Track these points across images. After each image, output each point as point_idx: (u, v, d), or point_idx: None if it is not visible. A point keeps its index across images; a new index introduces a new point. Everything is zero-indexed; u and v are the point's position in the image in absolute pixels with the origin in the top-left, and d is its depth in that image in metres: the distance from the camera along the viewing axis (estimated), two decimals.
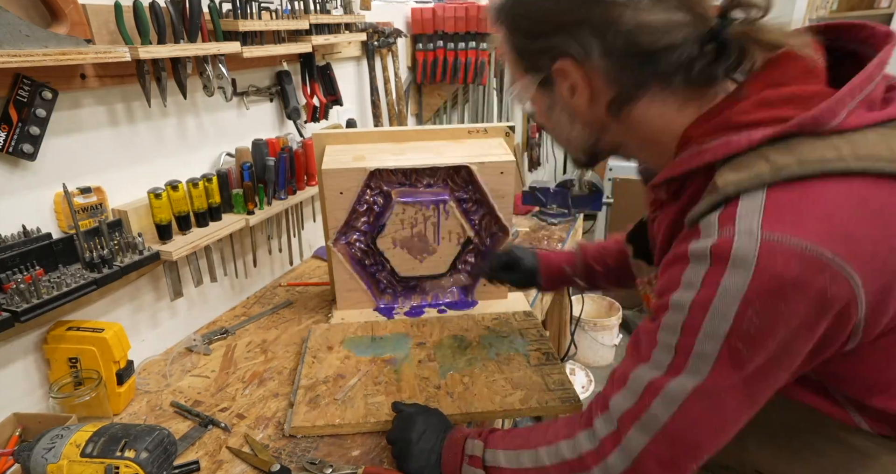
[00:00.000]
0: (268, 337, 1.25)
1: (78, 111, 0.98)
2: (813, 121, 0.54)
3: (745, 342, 0.56)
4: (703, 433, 0.61)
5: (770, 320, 0.54)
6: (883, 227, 0.53)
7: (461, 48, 2.07)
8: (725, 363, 0.57)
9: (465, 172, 1.21)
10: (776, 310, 0.53)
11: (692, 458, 0.62)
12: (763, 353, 0.56)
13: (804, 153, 0.54)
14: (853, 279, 0.52)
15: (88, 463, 0.74)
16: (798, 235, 0.52)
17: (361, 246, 1.28)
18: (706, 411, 0.60)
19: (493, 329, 1.22)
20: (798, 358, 0.58)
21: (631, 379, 0.64)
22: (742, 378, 0.58)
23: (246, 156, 1.30)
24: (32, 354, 0.97)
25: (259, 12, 1.24)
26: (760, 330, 0.55)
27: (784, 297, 0.53)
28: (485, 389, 1.02)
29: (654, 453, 0.62)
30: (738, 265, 0.54)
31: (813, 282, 0.52)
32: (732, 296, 0.54)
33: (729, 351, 0.56)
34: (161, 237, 1.09)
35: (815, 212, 0.53)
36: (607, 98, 0.66)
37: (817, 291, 0.52)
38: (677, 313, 0.59)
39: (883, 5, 3.83)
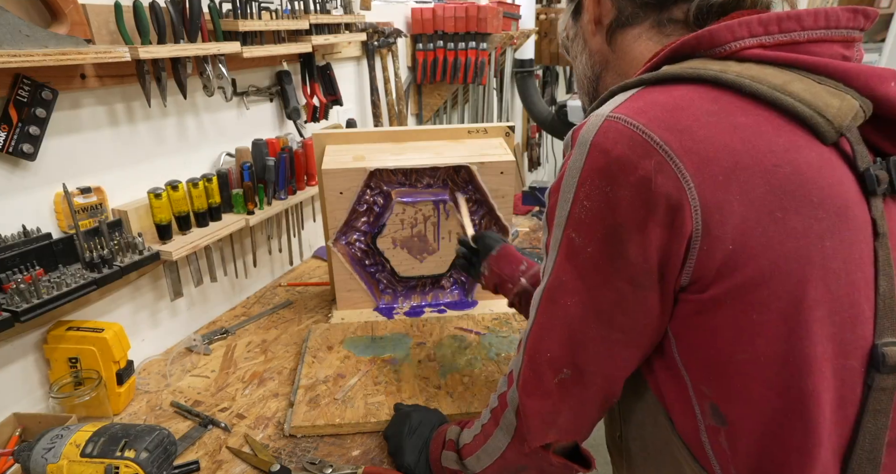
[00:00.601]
0: (268, 337, 1.25)
1: (78, 111, 0.98)
2: (709, 37, 0.53)
3: (577, 228, 0.53)
4: (552, 339, 0.58)
5: (596, 203, 0.51)
6: (733, 137, 0.48)
7: (461, 48, 2.07)
8: (562, 253, 0.55)
9: (465, 172, 1.21)
10: (602, 191, 0.51)
11: (549, 369, 0.59)
12: (593, 244, 0.52)
13: (690, 64, 0.53)
14: (683, 175, 0.47)
15: (88, 463, 0.74)
16: (636, 118, 0.49)
17: (361, 246, 1.28)
18: (551, 313, 0.57)
19: (493, 329, 1.22)
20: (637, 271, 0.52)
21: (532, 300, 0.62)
22: (577, 272, 0.54)
23: (246, 156, 1.30)
24: (32, 354, 0.97)
25: (259, 12, 1.25)
26: (589, 213, 0.52)
27: (609, 177, 0.50)
28: (485, 389, 1.02)
29: (523, 378, 0.61)
30: (581, 143, 0.53)
31: (637, 165, 0.48)
32: (573, 175, 0.53)
33: (567, 240, 0.54)
34: (161, 237, 1.09)
35: (665, 103, 0.50)
36: (609, 20, 0.66)
37: (641, 177, 0.48)
38: (546, 206, 0.59)
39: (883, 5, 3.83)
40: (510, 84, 2.85)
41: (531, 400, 0.61)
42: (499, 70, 2.66)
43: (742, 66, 0.52)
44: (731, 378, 0.53)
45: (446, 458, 0.77)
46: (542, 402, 0.60)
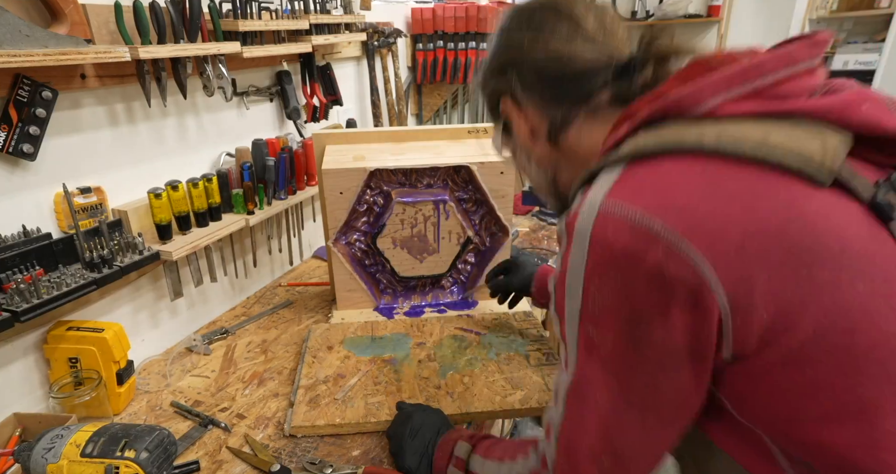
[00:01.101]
0: (268, 337, 1.25)
1: (78, 111, 0.98)
2: (676, 105, 0.53)
3: (593, 322, 0.52)
4: (586, 435, 0.57)
5: (609, 296, 0.50)
6: (742, 210, 0.47)
7: (461, 48, 2.07)
8: (582, 351, 0.54)
9: (464, 172, 1.21)
10: (612, 284, 0.50)
11: (588, 463, 0.58)
12: (613, 334, 0.51)
13: (667, 134, 0.52)
14: (694, 258, 0.46)
15: (88, 463, 0.74)
16: (631, 205, 0.48)
17: (361, 246, 1.28)
18: (582, 409, 0.56)
19: (493, 329, 1.22)
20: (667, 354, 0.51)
21: (554, 388, 0.62)
22: (602, 367, 0.54)
23: (246, 156, 1.30)
24: (32, 354, 0.97)
25: (259, 12, 1.25)
26: (603, 307, 0.51)
27: (619, 269, 0.49)
28: (485, 389, 1.02)
29: (560, 466, 0.60)
30: (578, 238, 0.51)
31: (645, 256, 0.47)
32: (577, 271, 0.52)
33: (585, 336, 0.54)
34: (161, 237, 1.09)
35: (657, 184, 0.49)
36: (544, 129, 0.68)
37: (651, 266, 0.47)
38: (553, 296, 0.57)
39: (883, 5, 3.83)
40: None
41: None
42: None
43: (718, 126, 0.51)
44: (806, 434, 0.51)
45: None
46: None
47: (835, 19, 4.07)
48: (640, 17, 4.12)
